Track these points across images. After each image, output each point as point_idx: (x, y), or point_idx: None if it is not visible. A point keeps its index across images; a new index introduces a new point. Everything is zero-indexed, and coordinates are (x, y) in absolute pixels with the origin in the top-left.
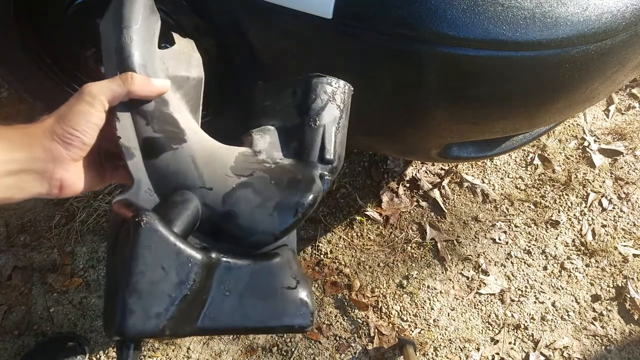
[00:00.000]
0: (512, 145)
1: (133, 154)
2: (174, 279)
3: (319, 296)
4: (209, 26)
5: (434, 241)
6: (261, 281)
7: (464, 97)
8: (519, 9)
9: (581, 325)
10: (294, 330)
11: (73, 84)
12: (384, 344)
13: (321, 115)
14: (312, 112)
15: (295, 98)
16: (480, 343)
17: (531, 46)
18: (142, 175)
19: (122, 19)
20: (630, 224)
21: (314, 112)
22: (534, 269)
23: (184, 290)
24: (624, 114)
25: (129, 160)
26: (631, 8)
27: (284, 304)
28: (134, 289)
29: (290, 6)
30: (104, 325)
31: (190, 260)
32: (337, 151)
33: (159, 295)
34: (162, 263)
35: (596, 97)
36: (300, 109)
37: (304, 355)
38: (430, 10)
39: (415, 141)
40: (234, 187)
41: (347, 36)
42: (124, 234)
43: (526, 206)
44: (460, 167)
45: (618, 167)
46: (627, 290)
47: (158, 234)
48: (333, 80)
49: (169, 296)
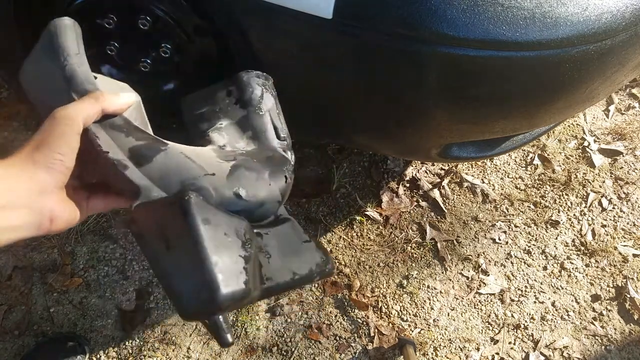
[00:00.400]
0: (512, 145)
1: (126, 165)
2: (237, 241)
3: (318, 296)
4: (209, 26)
5: (433, 241)
6: (286, 241)
7: (464, 97)
8: (519, 9)
9: (581, 325)
10: (327, 274)
11: None
12: (384, 343)
13: (263, 103)
14: (254, 102)
15: (232, 96)
16: (480, 343)
17: (531, 46)
18: (145, 180)
19: (62, 49)
20: (630, 224)
21: (256, 101)
22: (533, 268)
23: (248, 250)
24: (624, 114)
25: (125, 170)
26: (631, 8)
27: (311, 255)
28: (211, 257)
29: (290, 6)
30: (184, 311)
31: (240, 224)
32: (286, 129)
33: (233, 257)
34: (222, 230)
35: (596, 97)
36: (242, 102)
37: (304, 355)
38: (430, 10)
39: (415, 141)
40: (230, 169)
41: (347, 36)
42: (173, 219)
43: (526, 206)
44: (460, 167)
45: (618, 167)
46: (627, 290)
47: (207, 206)
48: (259, 73)
49: (241, 257)
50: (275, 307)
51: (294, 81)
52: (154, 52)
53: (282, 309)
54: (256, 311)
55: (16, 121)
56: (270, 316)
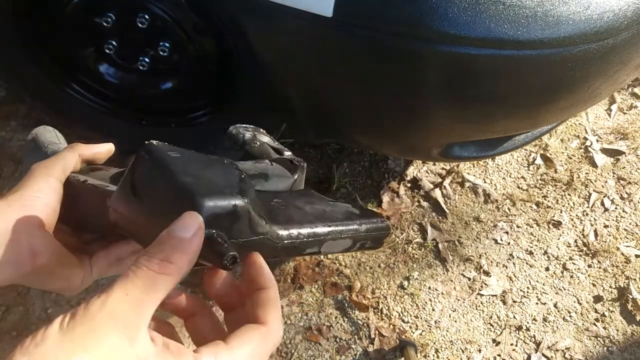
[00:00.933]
0: (514, 145)
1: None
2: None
3: (318, 297)
4: (208, 25)
5: (435, 242)
6: (308, 199)
7: (465, 96)
8: (521, 7)
9: (583, 327)
10: (383, 229)
11: (73, 83)
12: (384, 345)
13: (256, 138)
14: (248, 140)
15: (232, 149)
16: (481, 344)
17: (533, 45)
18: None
19: (44, 142)
20: (633, 224)
21: (250, 139)
22: (536, 269)
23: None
24: (626, 113)
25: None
26: (633, 7)
27: (346, 208)
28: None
29: (290, 5)
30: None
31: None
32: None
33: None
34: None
35: (598, 96)
36: (240, 147)
37: (304, 356)
38: (431, 8)
39: (417, 141)
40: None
41: (347, 35)
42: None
43: (528, 206)
44: (461, 167)
45: (620, 166)
46: (629, 291)
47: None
48: (239, 125)
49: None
50: None
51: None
52: (153, 51)
53: (282, 310)
54: None
55: (14, 120)
56: None
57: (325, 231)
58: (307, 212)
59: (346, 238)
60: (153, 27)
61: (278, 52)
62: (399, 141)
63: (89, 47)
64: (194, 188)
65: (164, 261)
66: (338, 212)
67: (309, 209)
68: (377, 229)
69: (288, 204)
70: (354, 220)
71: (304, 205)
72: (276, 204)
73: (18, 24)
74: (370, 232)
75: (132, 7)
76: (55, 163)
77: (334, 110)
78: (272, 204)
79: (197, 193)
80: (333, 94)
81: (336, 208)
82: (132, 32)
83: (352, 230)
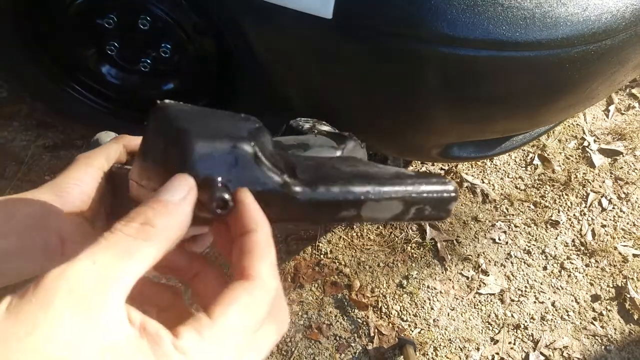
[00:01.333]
0: (512, 145)
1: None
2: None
3: (318, 296)
4: (209, 26)
5: (433, 241)
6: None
7: (464, 97)
8: (519, 9)
9: (581, 325)
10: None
11: (73, 84)
12: (383, 343)
13: (315, 127)
14: (307, 131)
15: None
16: (480, 343)
17: (531, 46)
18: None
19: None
20: (630, 224)
21: (308, 129)
22: (533, 269)
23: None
24: (624, 114)
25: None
26: (631, 8)
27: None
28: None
29: (290, 6)
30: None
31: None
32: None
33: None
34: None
35: (596, 97)
36: (299, 141)
37: (304, 355)
38: (430, 10)
39: (416, 141)
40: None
41: (346, 36)
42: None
43: (526, 206)
44: (460, 167)
45: (618, 167)
46: (626, 290)
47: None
48: (300, 118)
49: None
50: None
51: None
52: (154, 52)
53: None
54: None
55: (16, 121)
56: None
57: (364, 190)
58: (342, 170)
59: (394, 200)
60: (154, 29)
61: (278, 52)
62: (399, 141)
63: (90, 48)
64: (190, 129)
65: (144, 224)
66: (385, 172)
67: (346, 167)
68: (436, 192)
69: (322, 164)
70: (405, 179)
71: (342, 166)
72: (306, 161)
73: (18, 24)
74: (429, 195)
75: (134, 8)
76: (98, 153)
77: (333, 110)
78: (301, 161)
79: (191, 133)
80: (333, 94)
81: (384, 170)
82: (134, 33)
83: (402, 191)
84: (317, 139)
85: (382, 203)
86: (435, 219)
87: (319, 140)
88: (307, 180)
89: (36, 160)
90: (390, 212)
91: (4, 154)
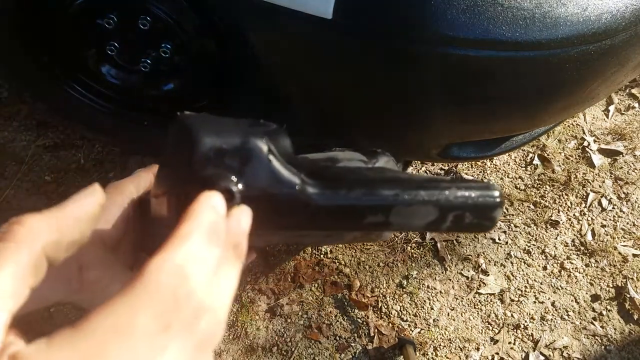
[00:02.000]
0: (512, 145)
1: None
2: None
3: (318, 296)
4: (209, 26)
5: (433, 241)
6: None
7: (463, 97)
8: (519, 9)
9: (581, 325)
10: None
11: (73, 84)
12: (383, 343)
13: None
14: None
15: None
16: (480, 343)
17: (531, 46)
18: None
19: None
20: (630, 224)
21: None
22: (533, 268)
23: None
24: (624, 114)
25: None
26: (631, 8)
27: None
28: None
29: (290, 6)
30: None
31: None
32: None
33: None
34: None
35: (596, 97)
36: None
37: (304, 355)
38: (429, 10)
39: (415, 141)
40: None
41: (346, 36)
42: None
43: (526, 206)
44: (459, 167)
45: (618, 167)
46: (626, 290)
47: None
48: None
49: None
50: (275, 307)
51: (294, 81)
52: (154, 52)
53: (282, 308)
54: (256, 311)
55: (16, 121)
56: (270, 316)
57: (392, 192)
58: (369, 175)
59: (428, 205)
60: (154, 29)
61: (278, 53)
62: (398, 141)
63: (90, 48)
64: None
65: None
66: (418, 177)
67: (373, 174)
68: (477, 196)
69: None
70: (440, 182)
71: (369, 172)
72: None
73: (18, 23)
74: (468, 201)
75: (134, 9)
76: (127, 181)
77: (333, 110)
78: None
79: (201, 130)
80: (333, 94)
81: (417, 176)
82: (134, 33)
83: (437, 194)
84: (346, 153)
85: (413, 208)
86: (478, 229)
87: (347, 155)
88: (328, 183)
89: (36, 160)
90: (423, 219)
91: (4, 154)
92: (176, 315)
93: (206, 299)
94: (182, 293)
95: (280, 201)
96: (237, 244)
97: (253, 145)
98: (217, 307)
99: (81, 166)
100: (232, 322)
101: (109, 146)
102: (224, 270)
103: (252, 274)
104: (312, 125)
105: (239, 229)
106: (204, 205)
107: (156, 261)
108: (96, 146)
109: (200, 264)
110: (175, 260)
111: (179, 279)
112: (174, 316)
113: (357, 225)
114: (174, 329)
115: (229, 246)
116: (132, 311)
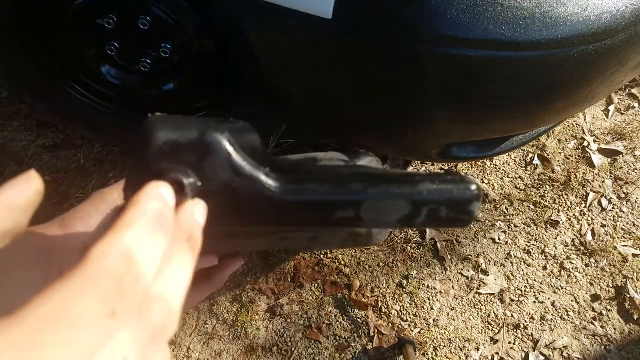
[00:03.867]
0: (512, 145)
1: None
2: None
3: (318, 296)
4: (209, 26)
5: (433, 241)
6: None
7: (463, 97)
8: (519, 9)
9: (581, 325)
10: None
11: (73, 84)
12: (383, 343)
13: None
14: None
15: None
16: (480, 343)
17: (531, 46)
18: None
19: None
20: (630, 224)
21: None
22: (533, 268)
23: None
24: (624, 114)
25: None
26: (631, 8)
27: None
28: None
29: (290, 6)
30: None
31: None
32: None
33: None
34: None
35: (596, 97)
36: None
37: (304, 355)
38: (429, 10)
39: (415, 141)
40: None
41: (346, 36)
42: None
43: (526, 206)
44: (459, 167)
45: (618, 167)
46: (626, 290)
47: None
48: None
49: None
50: (275, 307)
51: (294, 81)
52: (154, 53)
53: (282, 308)
54: (256, 311)
55: (16, 121)
56: (270, 316)
57: (361, 187)
58: (341, 172)
59: (399, 199)
60: (154, 29)
61: (278, 53)
62: (398, 141)
63: (90, 48)
64: (159, 124)
65: None
66: (393, 172)
67: (347, 170)
68: (451, 189)
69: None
70: (414, 177)
71: (343, 169)
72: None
73: (18, 23)
74: (442, 195)
75: (134, 9)
76: (112, 189)
77: (333, 110)
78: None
79: (157, 126)
80: (332, 94)
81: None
82: (134, 33)
83: (408, 188)
84: (327, 154)
85: (385, 203)
86: (457, 223)
87: (329, 155)
88: (293, 177)
89: (36, 160)
90: (396, 214)
91: (4, 154)
92: (122, 300)
93: (155, 287)
94: (128, 278)
95: (243, 196)
96: (190, 236)
97: (211, 139)
98: (168, 296)
99: (81, 166)
100: (232, 322)
101: (109, 146)
102: (176, 260)
103: (252, 274)
104: (312, 125)
105: (193, 221)
106: (149, 194)
107: (100, 246)
108: (96, 146)
109: (146, 250)
110: (120, 245)
111: (124, 263)
112: (120, 301)
113: (327, 220)
114: (121, 314)
115: (182, 238)
116: (73, 296)
